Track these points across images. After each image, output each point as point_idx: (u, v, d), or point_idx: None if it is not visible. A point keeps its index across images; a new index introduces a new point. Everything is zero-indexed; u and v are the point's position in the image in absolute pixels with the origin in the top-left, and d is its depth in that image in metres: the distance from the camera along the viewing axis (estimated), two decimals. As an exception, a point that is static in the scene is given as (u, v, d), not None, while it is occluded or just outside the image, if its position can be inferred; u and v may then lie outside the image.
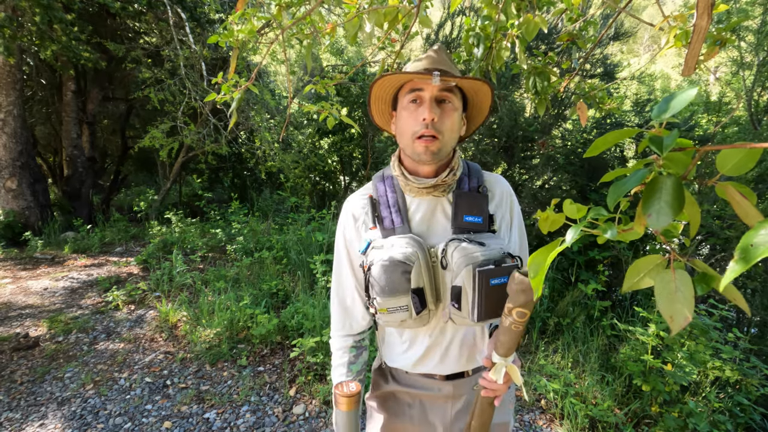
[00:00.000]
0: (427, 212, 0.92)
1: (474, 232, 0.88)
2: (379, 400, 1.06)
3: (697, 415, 1.96)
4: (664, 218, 0.37)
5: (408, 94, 0.85)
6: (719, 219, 3.15)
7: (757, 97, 5.75)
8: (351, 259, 0.98)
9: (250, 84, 1.30)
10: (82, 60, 5.03)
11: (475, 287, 0.79)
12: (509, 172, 4.59)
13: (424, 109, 0.82)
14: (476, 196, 0.91)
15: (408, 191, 0.92)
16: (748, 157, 0.37)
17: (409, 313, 0.84)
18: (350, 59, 8.37)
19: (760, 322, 2.93)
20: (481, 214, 0.89)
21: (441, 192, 0.90)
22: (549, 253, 0.45)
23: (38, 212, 5.90)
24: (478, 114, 0.95)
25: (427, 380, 1.00)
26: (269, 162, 6.80)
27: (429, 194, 0.90)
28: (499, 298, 0.79)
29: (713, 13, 0.87)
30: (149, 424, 2.20)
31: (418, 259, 0.82)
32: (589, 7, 3.28)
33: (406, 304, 0.83)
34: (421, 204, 0.92)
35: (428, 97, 0.83)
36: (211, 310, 3.24)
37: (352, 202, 0.97)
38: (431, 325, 0.93)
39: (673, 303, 0.38)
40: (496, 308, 0.80)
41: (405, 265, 0.81)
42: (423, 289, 0.84)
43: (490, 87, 0.87)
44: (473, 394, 1.00)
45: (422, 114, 0.82)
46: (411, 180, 0.89)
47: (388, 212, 0.91)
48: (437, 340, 0.95)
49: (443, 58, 0.87)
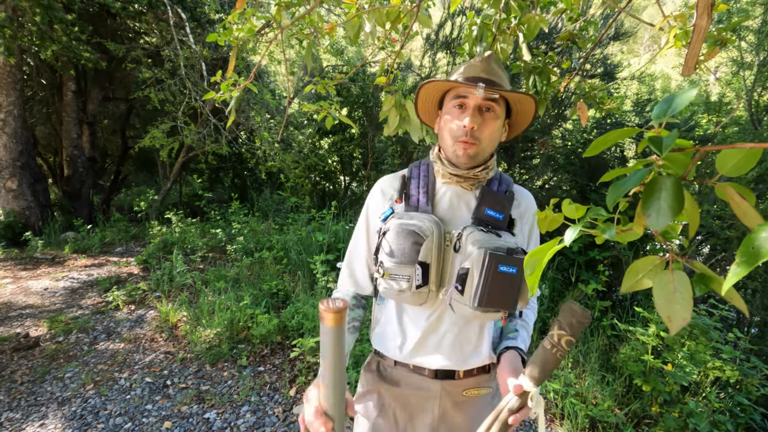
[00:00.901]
0: (453, 201, 0.95)
1: (492, 226, 0.91)
2: (365, 403, 1.05)
3: (697, 415, 1.96)
4: (664, 219, 0.37)
5: (453, 99, 0.90)
6: (719, 219, 3.15)
7: (757, 97, 5.74)
8: (368, 226, 1.02)
9: (249, 83, 1.30)
10: (82, 60, 5.03)
11: (483, 270, 0.80)
12: (509, 172, 4.59)
13: (467, 116, 0.87)
14: (502, 196, 0.94)
15: (440, 176, 0.96)
16: (748, 158, 0.37)
17: (409, 285, 0.87)
18: (350, 59, 8.37)
19: (760, 322, 2.93)
20: (502, 212, 0.92)
21: (470, 185, 0.94)
22: (547, 252, 0.45)
23: (38, 212, 5.90)
24: (522, 121, 0.99)
25: (416, 377, 0.98)
26: (269, 162, 6.81)
27: (458, 184, 0.94)
28: (503, 287, 0.80)
29: (713, 13, 0.87)
30: (149, 424, 2.20)
31: (432, 234, 0.86)
32: (589, 7, 3.28)
33: (410, 275, 0.86)
34: (449, 192, 0.96)
35: (472, 105, 0.87)
36: (212, 310, 3.24)
37: (384, 181, 1.03)
38: (429, 308, 0.95)
39: (672, 304, 0.38)
40: (498, 297, 0.81)
41: (417, 236, 0.85)
42: (429, 265, 0.86)
43: (533, 99, 0.90)
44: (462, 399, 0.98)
45: (464, 121, 0.87)
46: (446, 165, 0.93)
47: (416, 192, 0.96)
48: (433, 326, 0.95)
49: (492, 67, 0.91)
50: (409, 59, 6.96)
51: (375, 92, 6.32)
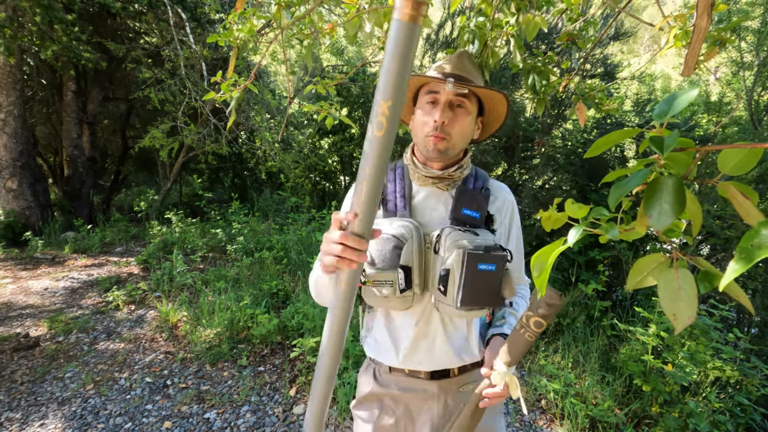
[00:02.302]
0: (429, 202, 0.96)
1: (470, 225, 0.92)
2: (366, 408, 1.05)
3: (697, 416, 1.96)
4: (666, 219, 0.37)
5: (426, 95, 0.91)
6: (719, 219, 3.15)
7: (757, 97, 5.75)
8: None
9: (250, 83, 1.30)
10: (82, 60, 5.03)
11: (463, 270, 0.81)
12: (509, 172, 4.60)
13: (437, 112, 0.88)
14: (477, 194, 0.95)
15: (415, 179, 0.97)
16: (750, 157, 0.37)
17: (393, 290, 0.87)
18: (350, 59, 8.37)
19: (760, 322, 2.94)
20: (479, 210, 0.93)
21: (446, 185, 0.95)
22: (552, 252, 0.45)
23: (38, 212, 5.90)
24: (495, 119, 1.01)
25: (412, 380, 0.99)
26: (269, 162, 6.81)
27: (434, 185, 0.95)
28: (484, 285, 0.82)
29: (713, 13, 0.87)
30: (149, 424, 2.20)
31: (412, 238, 0.87)
32: (589, 7, 3.28)
33: (392, 280, 0.87)
34: (425, 194, 0.97)
35: (443, 101, 0.89)
36: (212, 310, 3.24)
37: None
38: (417, 313, 0.95)
39: (677, 301, 0.38)
40: (480, 295, 0.82)
41: (398, 240, 0.86)
42: (411, 268, 0.87)
43: (503, 96, 0.92)
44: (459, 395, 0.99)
45: (435, 116, 0.88)
46: (419, 168, 0.95)
47: (393, 197, 0.96)
48: (422, 331, 0.96)
49: (464, 64, 0.93)
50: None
51: (375, 92, 6.32)
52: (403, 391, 1.00)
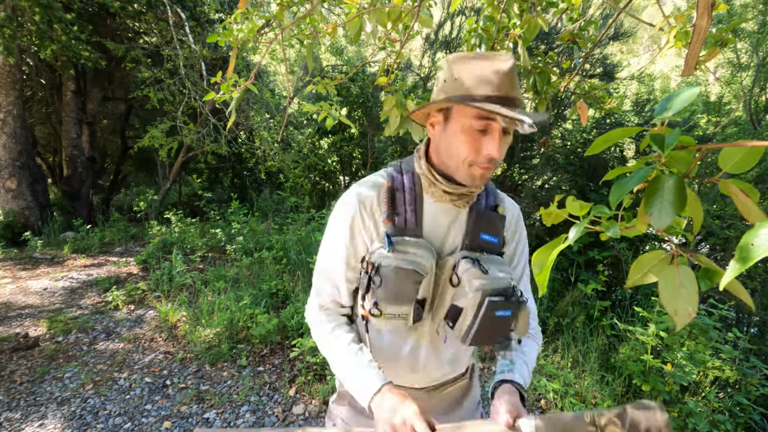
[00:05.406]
0: (442, 220, 0.85)
1: (488, 251, 0.85)
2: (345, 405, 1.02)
3: (696, 415, 1.97)
4: (666, 217, 0.37)
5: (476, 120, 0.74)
6: (719, 219, 3.15)
7: (756, 98, 5.76)
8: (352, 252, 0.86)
9: (249, 83, 1.30)
10: (81, 60, 5.03)
11: (479, 314, 0.76)
12: (509, 172, 4.60)
13: (493, 145, 0.74)
14: (495, 216, 0.87)
15: (431, 193, 0.84)
16: (750, 155, 0.37)
17: (405, 323, 0.81)
18: (350, 59, 8.37)
19: (759, 322, 2.94)
20: (497, 235, 0.87)
21: (464, 202, 0.85)
22: (552, 251, 0.45)
23: (38, 212, 5.89)
24: None
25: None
26: (269, 162, 6.81)
27: (451, 202, 0.84)
28: (498, 329, 0.78)
29: (713, 13, 0.87)
30: (149, 424, 2.20)
31: (432, 270, 0.80)
32: (589, 7, 3.28)
33: (407, 313, 0.80)
34: (437, 211, 0.85)
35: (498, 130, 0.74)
36: (211, 310, 3.24)
37: (363, 194, 0.85)
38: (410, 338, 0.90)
39: (677, 298, 0.38)
40: (491, 337, 0.79)
41: (418, 275, 0.78)
42: (426, 300, 0.82)
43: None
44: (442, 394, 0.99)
45: (488, 148, 0.74)
46: (441, 182, 0.81)
47: (403, 209, 0.83)
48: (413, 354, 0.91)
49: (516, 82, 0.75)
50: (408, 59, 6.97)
51: (375, 92, 6.32)
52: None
